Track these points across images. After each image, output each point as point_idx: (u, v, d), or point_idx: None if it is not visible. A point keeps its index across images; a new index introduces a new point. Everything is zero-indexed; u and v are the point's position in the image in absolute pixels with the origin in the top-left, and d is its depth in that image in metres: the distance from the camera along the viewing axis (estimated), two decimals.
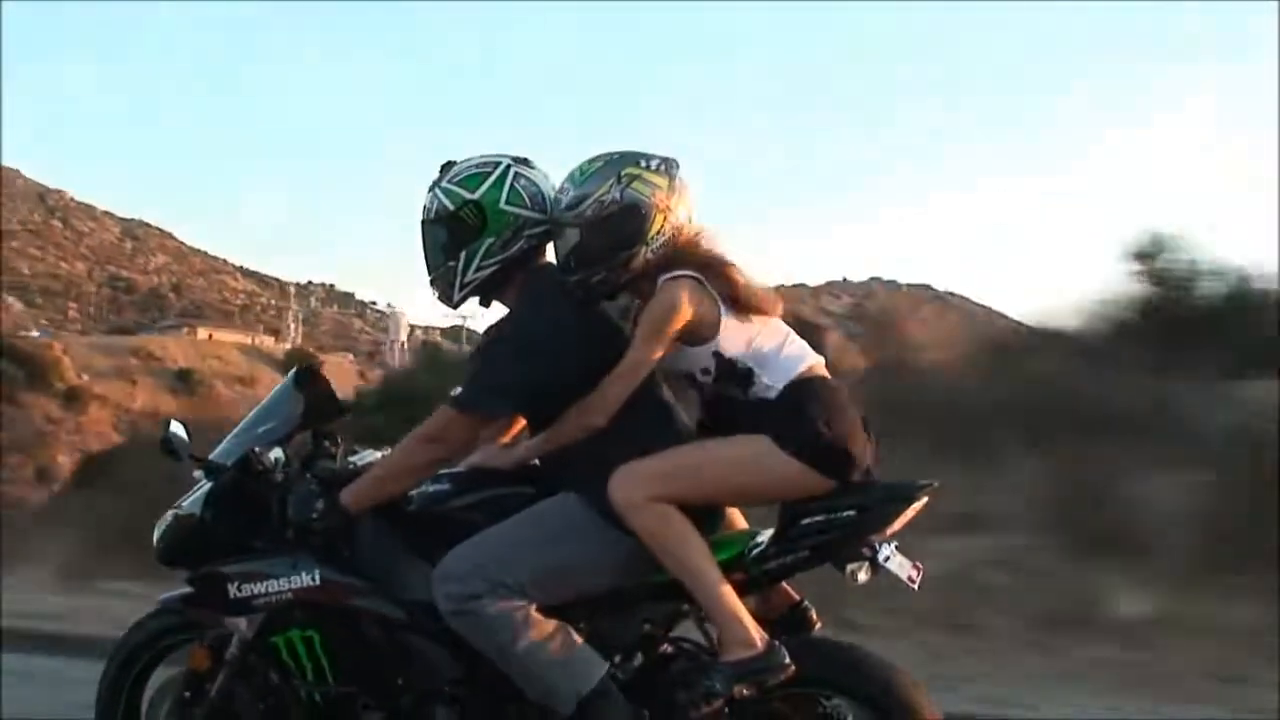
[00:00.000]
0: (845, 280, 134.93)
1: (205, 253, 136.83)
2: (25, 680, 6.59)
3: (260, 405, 3.83)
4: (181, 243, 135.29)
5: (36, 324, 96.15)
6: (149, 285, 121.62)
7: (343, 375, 59.70)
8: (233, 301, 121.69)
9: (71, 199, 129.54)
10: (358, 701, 3.57)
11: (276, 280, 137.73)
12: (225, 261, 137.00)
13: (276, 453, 3.71)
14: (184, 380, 64.55)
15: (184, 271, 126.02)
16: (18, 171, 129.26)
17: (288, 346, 77.92)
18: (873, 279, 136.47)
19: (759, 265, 3.53)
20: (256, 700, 3.69)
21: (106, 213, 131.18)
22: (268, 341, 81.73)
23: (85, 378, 62.86)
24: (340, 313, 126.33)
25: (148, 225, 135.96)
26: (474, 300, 3.63)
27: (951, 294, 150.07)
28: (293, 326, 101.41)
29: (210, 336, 79.08)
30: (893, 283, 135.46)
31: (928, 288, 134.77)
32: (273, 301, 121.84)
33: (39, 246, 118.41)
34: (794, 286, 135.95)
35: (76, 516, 12.08)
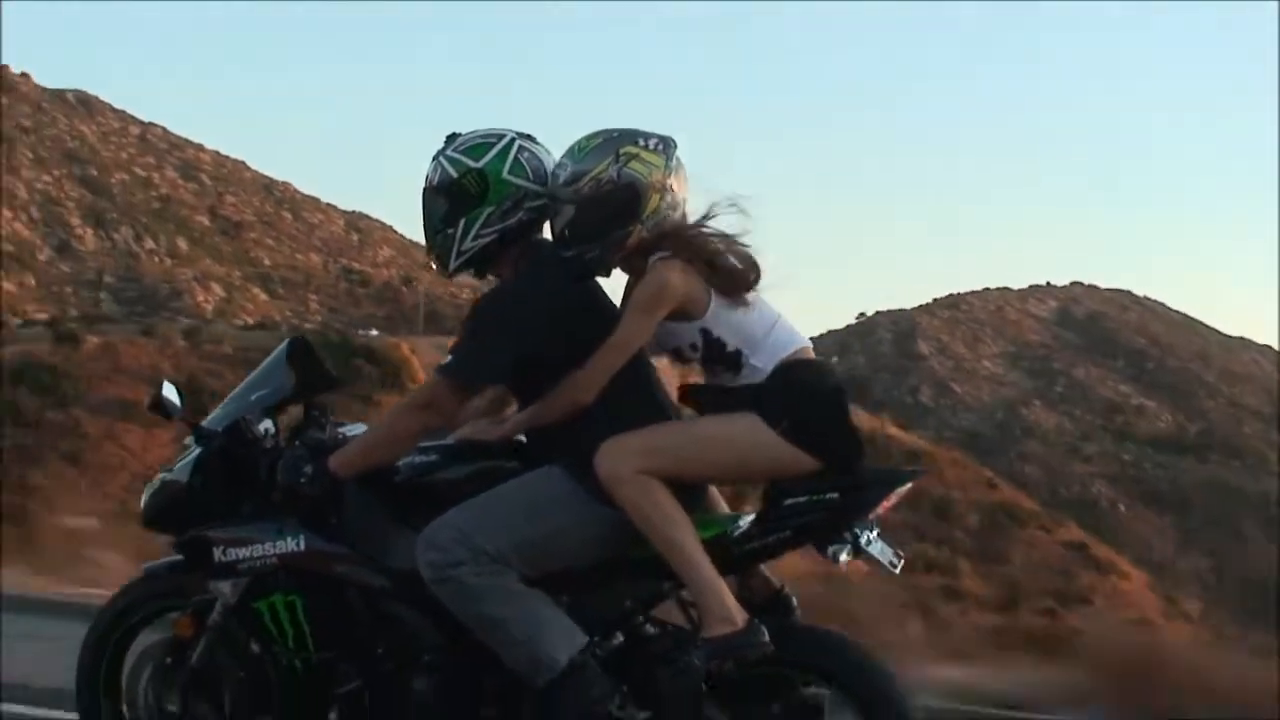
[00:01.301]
0: (1049, 284, 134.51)
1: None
2: None
3: (252, 375, 3.88)
4: (403, 235, 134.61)
5: (280, 316, 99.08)
6: (381, 278, 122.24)
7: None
8: (460, 296, 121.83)
9: (296, 191, 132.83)
10: (337, 669, 3.63)
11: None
12: None
13: (266, 423, 3.77)
14: None
15: (409, 265, 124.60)
16: (244, 163, 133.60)
17: None
18: (1074, 283, 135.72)
19: (753, 242, 3.54)
20: (237, 668, 3.73)
21: (330, 205, 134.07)
22: None
23: None
24: None
25: (368, 217, 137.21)
26: (469, 272, 3.71)
27: (1149, 299, 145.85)
28: None
29: None
30: (1093, 287, 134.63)
31: (1128, 293, 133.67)
32: None
33: (274, 237, 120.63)
34: (999, 290, 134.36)
35: None
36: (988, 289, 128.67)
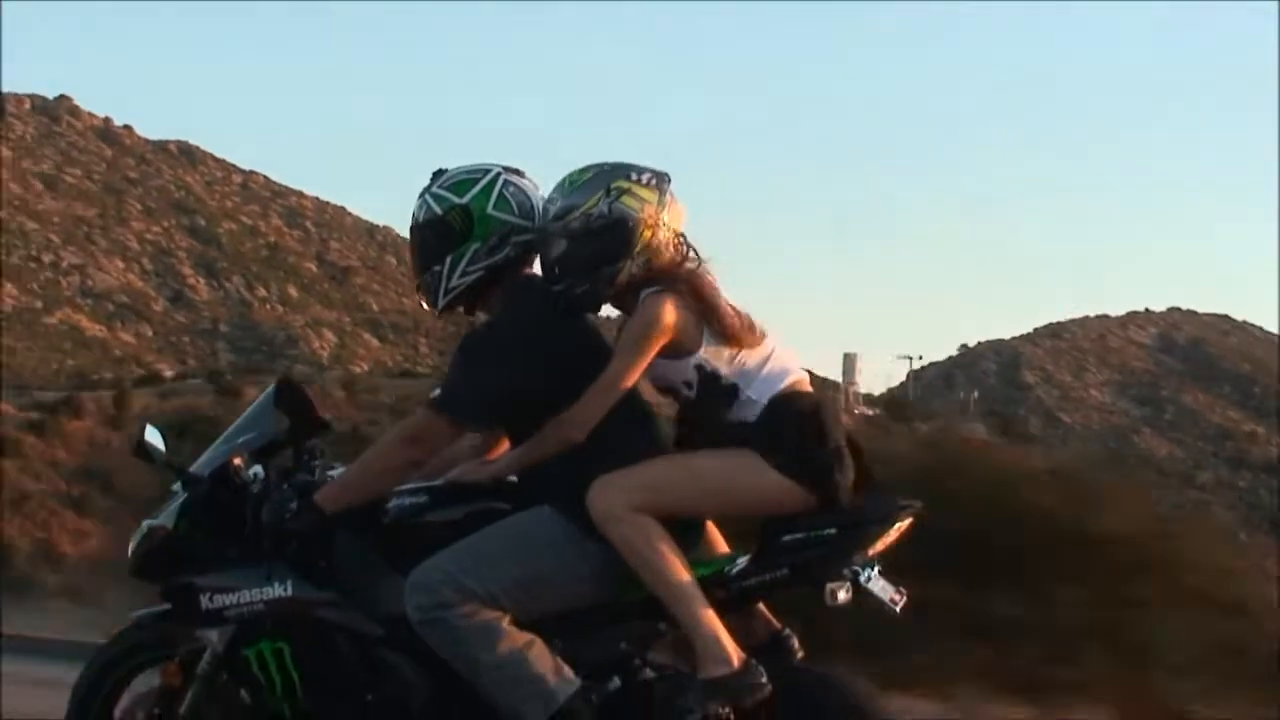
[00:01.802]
0: (1147, 310, 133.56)
1: None
2: None
3: (240, 419, 3.80)
4: None
5: (392, 361, 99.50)
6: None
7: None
8: None
9: (397, 234, 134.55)
10: (325, 717, 3.55)
11: None
12: None
13: (257, 468, 3.70)
14: None
15: None
16: (344, 209, 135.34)
17: None
18: (1172, 309, 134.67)
19: (749, 292, 3.57)
20: (225, 719, 3.65)
21: None
22: None
23: None
24: None
25: None
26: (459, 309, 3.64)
27: (1248, 323, 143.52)
28: None
29: None
30: (1192, 312, 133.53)
31: (1226, 317, 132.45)
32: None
33: (379, 282, 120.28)
34: (1098, 317, 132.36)
35: None
36: (1087, 317, 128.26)
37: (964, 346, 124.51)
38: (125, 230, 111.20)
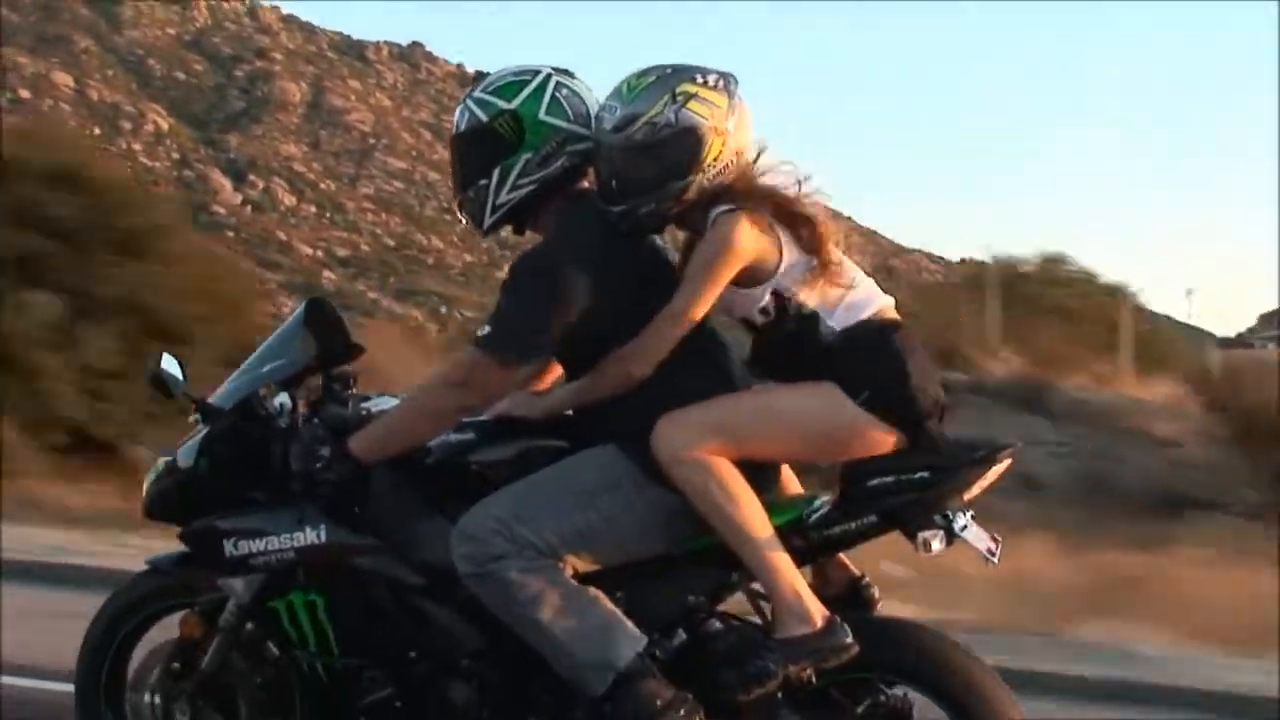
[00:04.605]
0: None
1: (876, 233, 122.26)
2: None
3: (265, 343, 3.49)
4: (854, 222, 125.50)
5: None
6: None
7: None
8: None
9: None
10: (365, 676, 3.27)
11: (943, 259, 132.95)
12: (891, 241, 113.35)
13: (283, 398, 3.41)
14: None
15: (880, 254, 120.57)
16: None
17: None
18: None
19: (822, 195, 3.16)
20: (253, 673, 3.41)
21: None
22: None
23: None
24: None
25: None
26: (507, 228, 3.32)
27: None
28: None
29: None
30: None
31: None
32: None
33: None
34: None
35: None
36: None
37: (1263, 316, 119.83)
38: None
